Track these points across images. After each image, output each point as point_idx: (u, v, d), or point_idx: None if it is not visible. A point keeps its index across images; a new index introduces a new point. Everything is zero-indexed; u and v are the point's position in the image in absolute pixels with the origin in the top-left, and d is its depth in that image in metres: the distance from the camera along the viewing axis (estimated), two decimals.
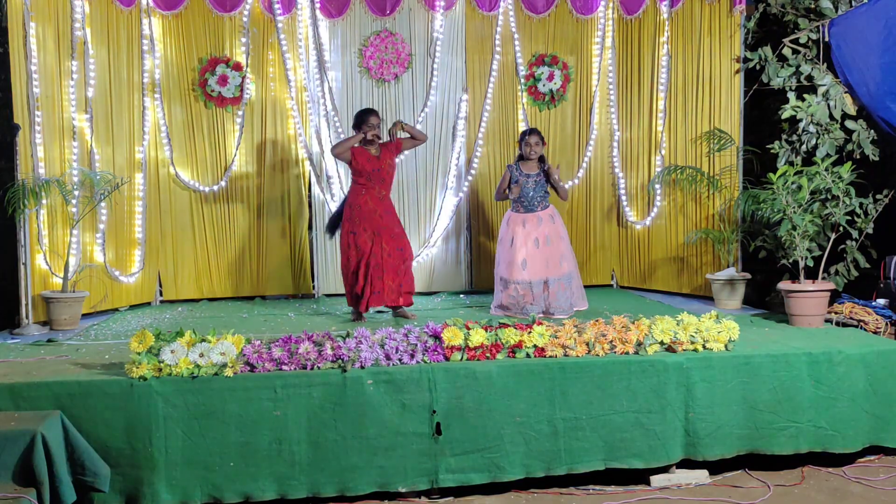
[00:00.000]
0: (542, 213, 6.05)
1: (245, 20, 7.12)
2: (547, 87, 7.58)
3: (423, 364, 4.16)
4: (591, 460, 4.23)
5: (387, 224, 5.86)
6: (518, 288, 5.89)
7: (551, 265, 5.95)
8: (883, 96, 5.73)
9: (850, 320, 5.32)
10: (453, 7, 7.38)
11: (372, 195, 5.84)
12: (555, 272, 5.94)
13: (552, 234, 6.01)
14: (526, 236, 5.96)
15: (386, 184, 5.92)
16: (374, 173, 5.84)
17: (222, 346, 4.01)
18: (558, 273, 5.95)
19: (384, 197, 5.91)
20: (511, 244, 5.98)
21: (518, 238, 5.97)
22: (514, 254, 5.95)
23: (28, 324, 5.66)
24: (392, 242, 5.84)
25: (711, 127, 6.70)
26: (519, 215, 6.05)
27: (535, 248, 5.95)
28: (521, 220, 6.03)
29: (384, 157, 5.88)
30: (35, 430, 3.52)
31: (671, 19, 7.11)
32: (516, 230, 6.00)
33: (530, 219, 6.01)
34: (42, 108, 5.87)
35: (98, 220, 6.42)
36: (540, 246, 5.95)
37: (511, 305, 5.95)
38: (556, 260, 5.98)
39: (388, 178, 5.93)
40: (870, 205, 6.00)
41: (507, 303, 5.98)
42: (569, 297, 5.98)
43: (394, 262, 5.82)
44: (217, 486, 3.96)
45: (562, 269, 5.99)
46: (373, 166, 5.83)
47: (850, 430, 4.44)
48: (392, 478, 4.08)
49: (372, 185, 5.85)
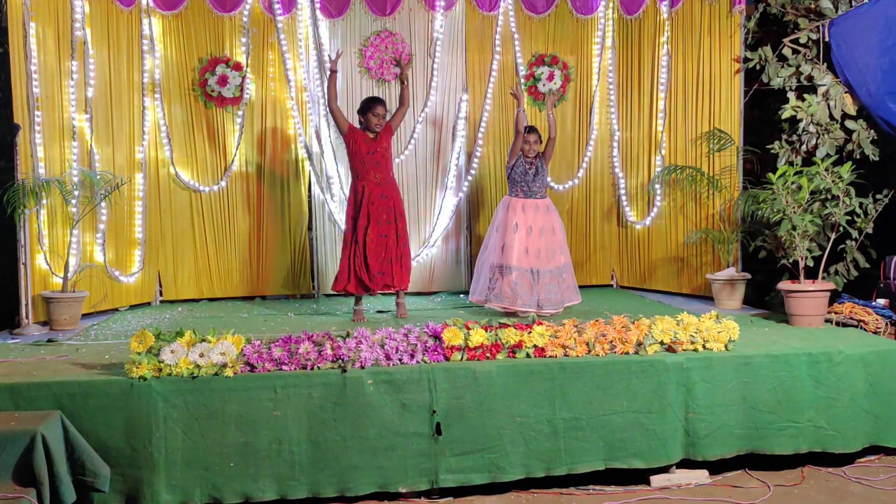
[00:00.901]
0: (539, 201, 5.98)
1: (245, 20, 7.12)
2: (547, 87, 7.58)
3: (423, 364, 4.16)
4: (591, 460, 4.23)
5: (376, 210, 5.86)
6: (521, 274, 5.73)
7: (544, 256, 5.85)
8: (883, 96, 5.74)
9: (850, 320, 5.32)
10: (453, 7, 7.38)
11: (368, 180, 5.86)
12: (547, 264, 5.84)
13: (547, 226, 5.93)
14: (525, 222, 5.86)
15: (381, 167, 5.90)
16: (369, 156, 5.85)
17: (222, 346, 4.01)
18: (551, 265, 5.86)
19: (381, 181, 5.89)
20: (515, 230, 5.83)
21: (521, 224, 5.86)
22: (516, 239, 5.80)
23: (28, 324, 5.66)
24: (377, 229, 5.84)
25: (711, 127, 6.70)
26: (518, 200, 5.94)
27: (530, 235, 5.85)
28: (521, 206, 5.92)
29: (380, 140, 5.91)
30: (35, 430, 3.52)
31: (671, 19, 7.11)
32: (517, 216, 5.88)
33: (529, 205, 5.93)
34: (42, 108, 5.86)
35: (98, 220, 6.42)
36: (534, 234, 5.86)
37: (509, 295, 5.74)
38: (550, 252, 5.88)
39: (382, 161, 5.92)
40: (870, 205, 6.01)
41: (506, 292, 5.75)
42: (559, 292, 5.88)
43: (375, 248, 5.83)
44: (217, 486, 3.96)
45: (555, 261, 5.90)
46: (369, 148, 5.86)
47: (850, 430, 4.44)
48: (392, 478, 4.08)
49: (367, 168, 5.86)
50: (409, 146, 7.39)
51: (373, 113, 5.84)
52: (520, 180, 5.96)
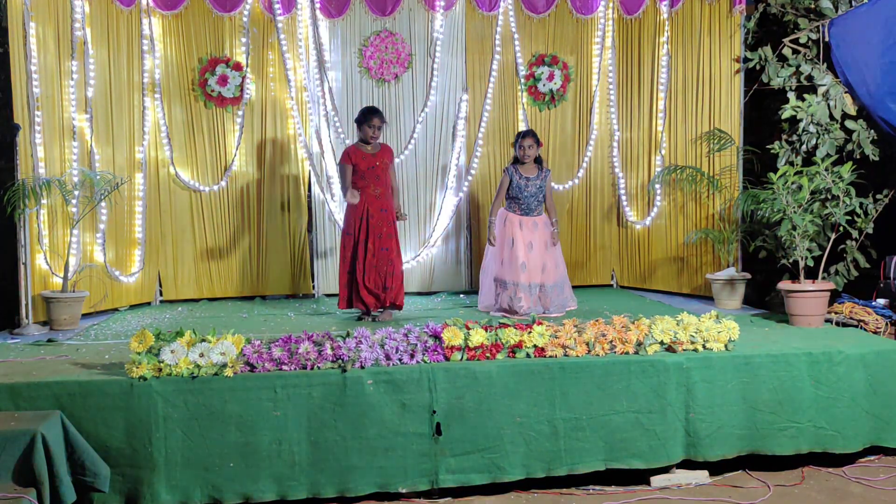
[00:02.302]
0: (537, 218, 6.10)
1: (245, 20, 7.12)
2: (547, 87, 7.58)
3: (423, 364, 4.16)
4: (591, 461, 4.23)
5: (375, 223, 5.87)
6: (518, 290, 5.91)
7: (548, 271, 6.01)
8: (883, 96, 5.74)
9: (850, 320, 5.32)
10: (453, 7, 7.38)
11: (367, 193, 5.86)
12: (550, 278, 6.01)
13: (547, 241, 6.07)
14: (523, 239, 5.99)
15: (381, 181, 5.92)
16: (369, 171, 5.86)
17: (222, 346, 4.01)
18: (553, 279, 6.02)
19: (380, 195, 5.90)
20: (512, 246, 5.99)
21: (518, 240, 5.98)
22: (515, 255, 5.96)
23: (28, 324, 5.66)
24: (378, 243, 5.87)
25: (711, 127, 6.70)
26: (516, 216, 6.07)
27: (530, 251, 5.98)
28: (519, 223, 6.05)
29: (379, 156, 5.91)
30: (35, 430, 3.52)
31: (671, 19, 7.11)
32: (515, 232, 6.01)
33: (527, 222, 6.05)
34: (42, 108, 5.86)
35: (98, 220, 6.42)
36: (535, 250, 5.99)
37: (510, 307, 5.95)
38: (552, 266, 6.05)
39: (382, 176, 5.92)
40: (870, 205, 6.01)
41: (508, 305, 5.98)
42: (562, 300, 6.07)
43: (377, 263, 5.86)
44: (217, 486, 3.95)
45: (556, 274, 6.06)
46: (367, 164, 5.85)
47: (851, 431, 4.43)
48: (392, 478, 4.08)
49: (367, 182, 5.86)
50: (409, 146, 7.40)
51: (368, 125, 5.85)
52: (517, 196, 6.06)
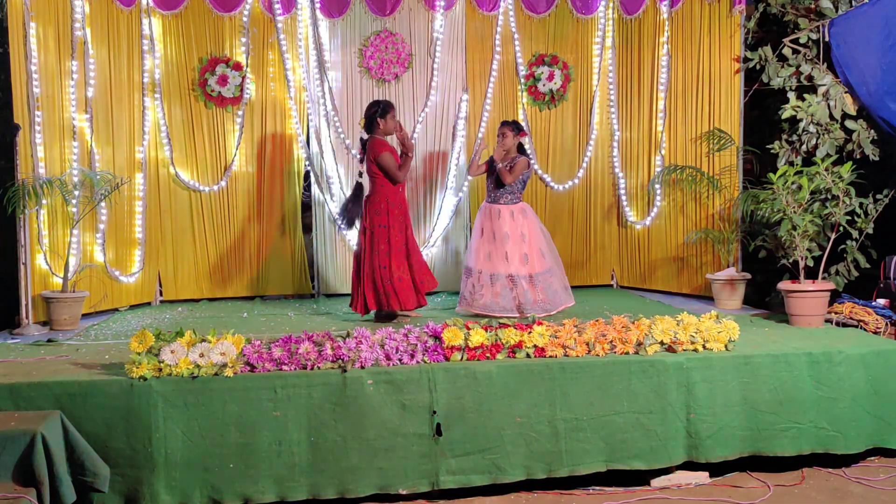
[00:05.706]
0: (511, 206, 5.93)
1: (245, 20, 7.12)
2: (547, 87, 7.58)
3: (423, 364, 4.16)
4: (592, 462, 4.22)
5: (406, 216, 5.87)
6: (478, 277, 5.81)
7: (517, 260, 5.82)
8: (883, 96, 5.73)
9: (850, 320, 5.31)
10: (453, 7, 7.38)
11: (402, 187, 5.85)
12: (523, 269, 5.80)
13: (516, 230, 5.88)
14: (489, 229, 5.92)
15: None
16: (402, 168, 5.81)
17: (222, 346, 4.01)
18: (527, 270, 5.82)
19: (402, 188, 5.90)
20: (481, 235, 5.95)
21: (486, 230, 5.93)
22: (478, 244, 5.93)
23: (28, 324, 5.66)
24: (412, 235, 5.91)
25: (711, 127, 6.70)
26: (485, 205, 6.04)
27: (493, 241, 5.86)
28: (488, 211, 6.00)
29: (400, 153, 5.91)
30: (35, 430, 3.52)
31: (671, 19, 7.10)
32: (484, 222, 5.97)
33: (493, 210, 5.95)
34: (42, 108, 5.86)
35: (98, 220, 6.42)
36: (497, 240, 5.85)
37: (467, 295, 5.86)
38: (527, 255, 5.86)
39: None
40: (870, 205, 6.00)
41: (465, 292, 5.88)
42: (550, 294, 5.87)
43: (418, 253, 5.90)
44: (216, 487, 3.95)
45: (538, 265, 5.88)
46: (398, 159, 5.82)
47: (853, 431, 4.43)
48: (392, 479, 4.07)
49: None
50: None
51: (391, 115, 5.77)
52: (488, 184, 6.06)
